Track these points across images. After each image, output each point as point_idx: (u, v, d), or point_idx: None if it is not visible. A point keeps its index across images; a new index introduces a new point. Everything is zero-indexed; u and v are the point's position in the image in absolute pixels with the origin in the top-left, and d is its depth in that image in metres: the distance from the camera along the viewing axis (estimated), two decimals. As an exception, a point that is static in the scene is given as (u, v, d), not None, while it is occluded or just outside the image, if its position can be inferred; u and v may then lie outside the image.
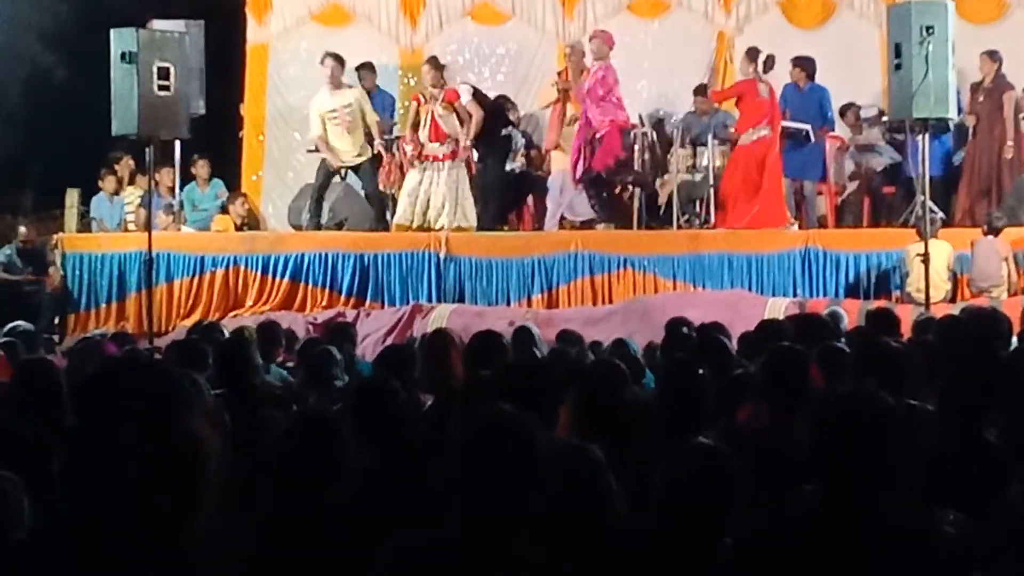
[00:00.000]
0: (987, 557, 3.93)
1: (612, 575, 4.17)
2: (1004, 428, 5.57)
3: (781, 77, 16.02)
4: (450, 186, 15.75)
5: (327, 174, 16.54)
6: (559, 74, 16.61)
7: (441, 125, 15.83)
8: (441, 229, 15.58)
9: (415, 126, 15.99)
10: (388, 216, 16.69)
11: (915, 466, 4.36)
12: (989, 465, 5.20)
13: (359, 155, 16.32)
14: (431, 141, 15.87)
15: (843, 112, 16.70)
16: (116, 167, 17.83)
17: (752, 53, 15.58)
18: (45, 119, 20.32)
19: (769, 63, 15.55)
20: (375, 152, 16.43)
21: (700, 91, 16.85)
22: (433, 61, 16.32)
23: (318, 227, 16.44)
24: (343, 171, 16.65)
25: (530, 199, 17.37)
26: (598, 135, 15.53)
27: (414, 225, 15.77)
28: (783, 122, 15.77)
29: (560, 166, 16.28)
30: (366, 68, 17.58)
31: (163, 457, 3.82)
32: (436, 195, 15.73)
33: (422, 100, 16.01)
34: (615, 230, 15.89)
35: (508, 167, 16.96)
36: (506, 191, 16.88)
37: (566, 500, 4.24)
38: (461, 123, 15.89)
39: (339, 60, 16.41)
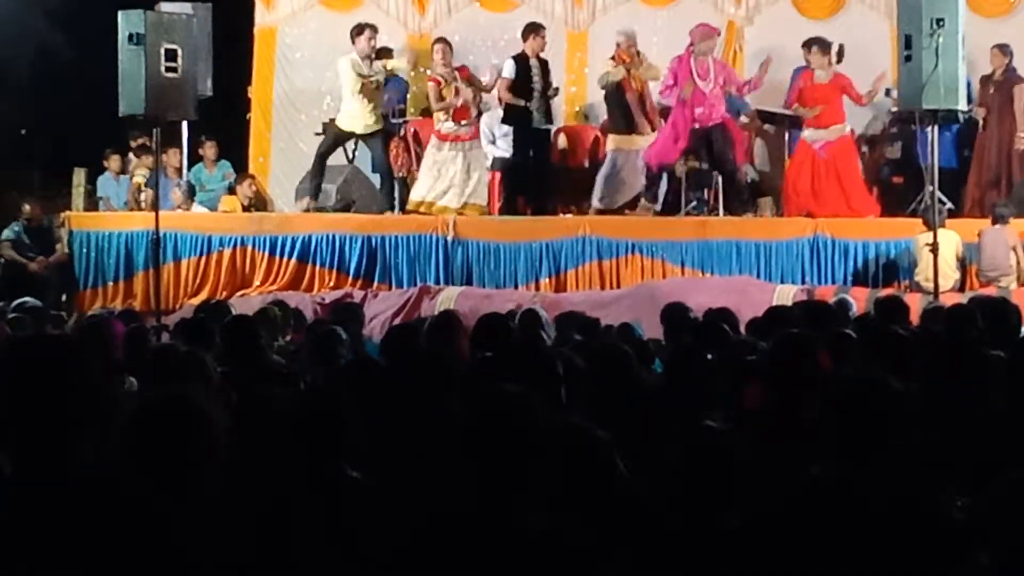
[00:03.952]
0: (991, 537, 3.92)
1: (620, 555, 4.16)
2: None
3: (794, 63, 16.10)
4: (474, 166, 15.78)
5: (334, 139, 16.58)
6: (615, 57, 16.43)
7: (466, 103, 15.82)
8: (453, 210, 15.62)
9: (441, 108, 15.84)
10: (396, 196, 16.71)
11: (921, 449, 4.36)
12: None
13: (373, 125, 16.29)
14: (455, 120, 15.80)
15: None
16: (134, 144, 17.83)
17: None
18: (52, 98, 20.34)
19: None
20: (387, 125, 16.49)
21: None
22: (443, 40, 16.26)
23: (319, 189, 16.45)
24: (353, 143, 16.70)
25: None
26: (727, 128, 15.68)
27: (427, 202, 15.75)
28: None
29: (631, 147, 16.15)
30: (384, 53, 17.59)
31: (168, 430, 3.84)
32: (459, 175, 15.69)
33: (443, 81, 15.83)
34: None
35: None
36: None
37: (572, 480, 4.24)
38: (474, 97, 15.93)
39: (375, 30, 16.39)
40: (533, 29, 16.17)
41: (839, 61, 16.02)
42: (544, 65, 16.16)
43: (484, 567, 3.66)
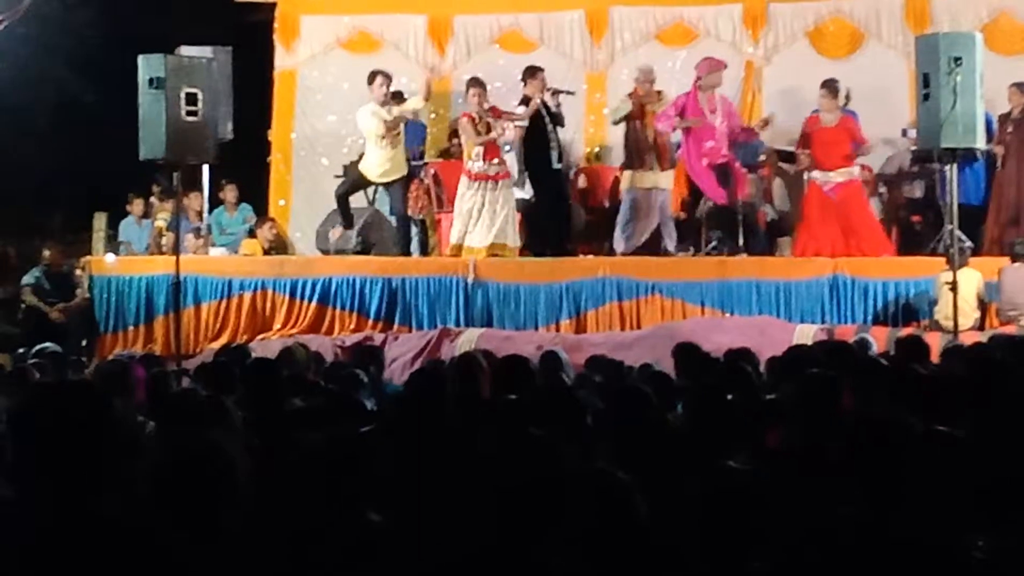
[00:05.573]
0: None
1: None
2: None
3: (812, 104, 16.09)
4: (503, 206, 15.69)
5: (353, 183, 16.66)
6: (632, 94, 16.46)
7: (495, 141, 15.79)
8: (480, 250, 15.60)
9: (480, 142, 15.71)
10: (413, 240, 16.73)
11: (945, 491, 4.35)
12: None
13: (393, 172, 16.32)
14: (486, 160, 15.70)
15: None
16: (156, 188, 17.86)
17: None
18: (73, 143, 20.41)
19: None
20: (409, 172, 16.51)
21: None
22: (477, 81, 16.10)
23: (350, 223, 16.52)
24: (374, 189, 16.74)
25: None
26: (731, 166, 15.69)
27: (458, 246, 15.73)
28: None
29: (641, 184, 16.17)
30: (396, 97, 17.65)
31: (193, 474, 3.87)
32: (490, 216, 15.64)
33: (477, 119, 15.72)
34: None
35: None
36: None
37: (593, 522, 4.23)
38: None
39: (388, 76, 16.40)
40: (531, 73, 16.17)
41: (846, 104, 16.04)
42: (544, 104, 16.18)
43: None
